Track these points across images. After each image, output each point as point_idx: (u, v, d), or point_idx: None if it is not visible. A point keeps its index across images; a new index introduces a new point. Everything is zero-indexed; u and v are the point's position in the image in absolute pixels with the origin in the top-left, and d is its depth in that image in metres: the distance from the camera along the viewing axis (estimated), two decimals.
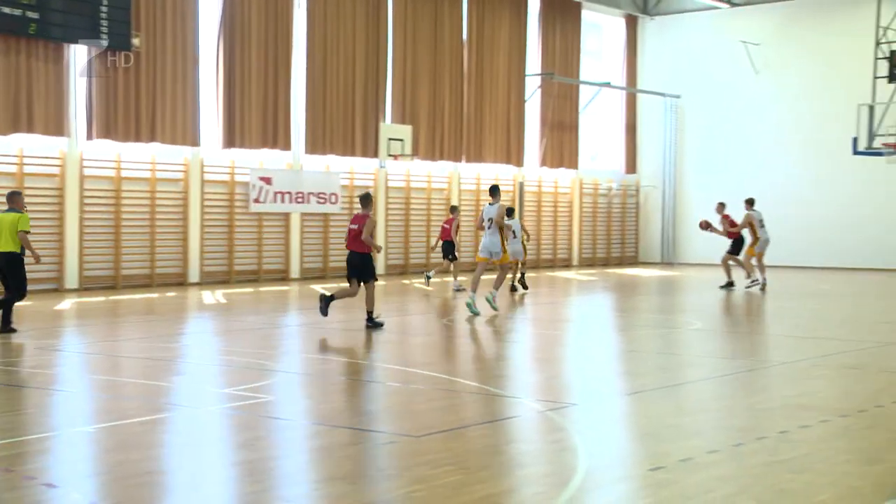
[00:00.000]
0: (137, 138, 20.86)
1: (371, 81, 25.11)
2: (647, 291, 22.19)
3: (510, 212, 18.99)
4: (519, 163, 29.11)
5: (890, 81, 23.74)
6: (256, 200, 23.10)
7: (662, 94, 32.67)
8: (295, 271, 23.96)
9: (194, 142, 21.86)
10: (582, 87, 31.21)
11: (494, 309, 15.84)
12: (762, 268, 21.05)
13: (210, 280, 22.37)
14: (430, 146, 26.63)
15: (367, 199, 14.04)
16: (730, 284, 21.03)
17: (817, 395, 9.12)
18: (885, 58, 23.83)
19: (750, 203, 21.52)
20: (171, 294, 19.65)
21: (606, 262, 32.33)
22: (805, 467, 6.40)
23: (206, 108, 22.23)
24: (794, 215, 30.11)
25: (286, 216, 23.89)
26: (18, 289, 12.89)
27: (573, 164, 30.91)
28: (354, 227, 13.84)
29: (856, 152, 24.74)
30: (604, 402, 8.97)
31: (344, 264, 14.76)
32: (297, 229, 24.05)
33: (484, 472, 6.33)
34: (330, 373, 10.40)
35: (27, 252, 12.89)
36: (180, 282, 21.76)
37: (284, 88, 23.38)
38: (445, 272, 22.59)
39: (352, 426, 7.70)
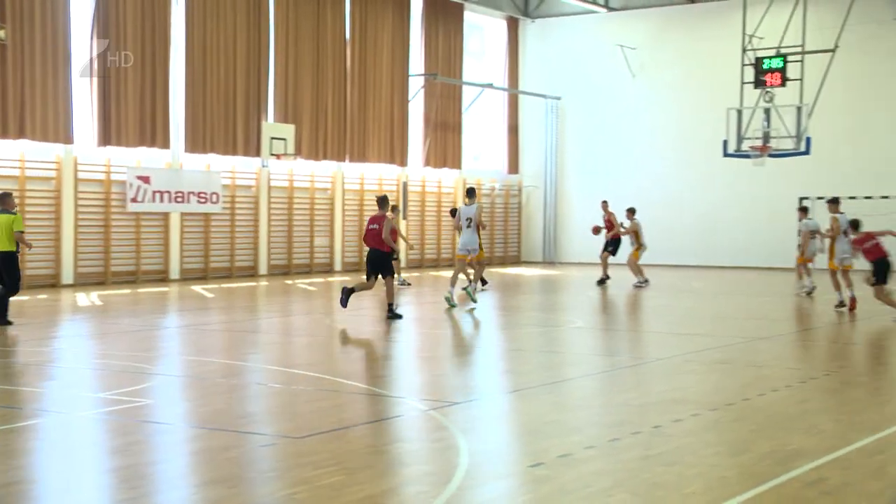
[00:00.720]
0: (4, 135, 20.08)
1: (252, 79, 24.78)
2: (529, 290, 22.54)
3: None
4: (403, 163, 29.18)
5: (756, 87, 24.69)
6: (134, 200, 22.51)
7: (544, 96, 33.24)
8: (175, 272, 23.44)
9: (67, 139, 21.16)
10: (465, 88, 31.48)
11: (474, 301, 16.69)
12: (639, 268, 22.14)
13: (85, 281, 21.70)
14: (314, 146, 26.44)
15: (384, 201, 15.31)
16: (604, 280, 22.24)
17: (689, 389, 9.43)
18: (751, 64, 24.76)
19: (632, 212, 22.76)
20: (42, 296, 18.97)
21: (490, 262, 32.66)
22: (676, 460, 6.62)
23: (79, 104, 21.56)
24: (669, 215, 31.08)
25: (165, 216, 23.35)
26: (14, 285, 13.83)
27: (456, 164, 31.16)
28: (374, 226, 15.04)
29: (725, 155, 25.64)
30: (486, 400, 9.07)
31: (225, 264, 14.74)
32: (176, 229, 23.54)
33: (366, 473, 6.33)
34: (210, 375, 10.22)
35: (21, 248, 13.98)
36: (53, 283, 21.04)
37: (163, 86, 22.85)
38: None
39: (232, 429, 7.59)
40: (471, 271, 18.12)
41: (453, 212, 20.69)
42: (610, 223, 22.94)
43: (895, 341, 13.23)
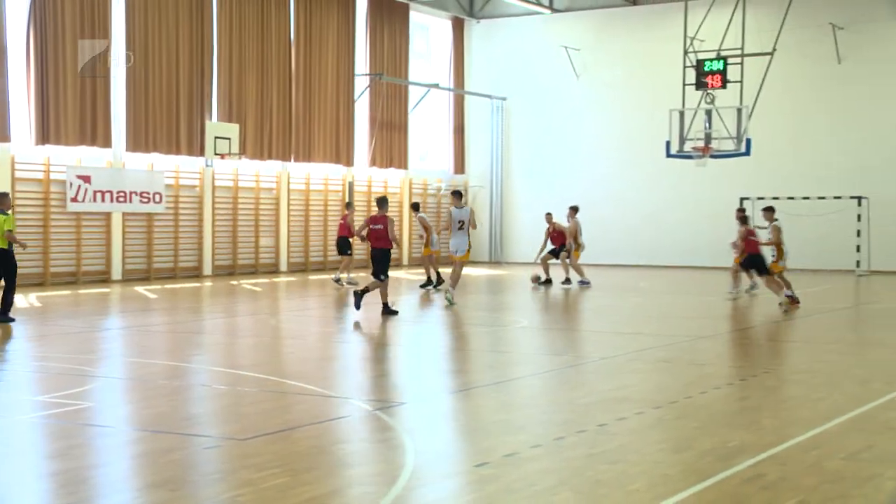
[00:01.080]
0: None
1: (196, 78, 24.52)
2: (475, 290, 22.59)
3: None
4: (349, 162, 29.08)
5: (698, 88, 25.04)
6: (74, 199, 22.15)
7: (489, 96, 33.37)
8: (117, 273, 23.11)
9: (3, 137, 20.75)
10: (411, 88, 31.48)
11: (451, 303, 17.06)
12: (579, 268, 22.32)
13: (23, 283, 21.23)
14: (258, 145, 26.24)
15: (383, 201, 15.77)
16: (547, 282, 22.36)
17: (633, 388, 9.54)
18: (692, 66, 25.10)
19: (574, 210, 22.95)
20: None
21: (437, 261, 32.66)
22: (620, 458, 6.69)
23: (16, 101, 21.14)
24: (614, 215, 31.41)
25: (107, 216, 23.01)
26: (11, 280, 14.50)
27: (403, 164, 31.15)
28: (378, 227, 15.50)
29: (668, 155, 25.95)
30: (432, 400, 9.09)
31: (169, 264, 14.46)
32: (118, 229, 23.21)
33: (311, 474, 6.30)
34: (153, 377, 10.09)
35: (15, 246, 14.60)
36: None
37: (104, 83, 22.51)
38: (346, 268, 22.57)
39: (175, 431, 7.50)
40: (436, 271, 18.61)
41: (416, 206, 22.49)
42: (557, 233, 22.88)
43: (831, 339, 13.52)
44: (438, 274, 21.71)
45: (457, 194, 18.35)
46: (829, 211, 28.23)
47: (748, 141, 24.93)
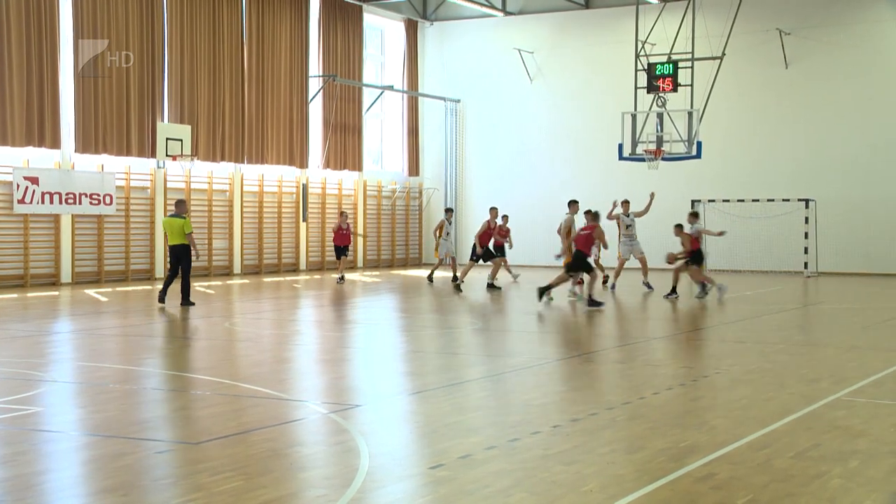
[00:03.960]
0: None
1: (147, 79, 24.26)
2: (430, 293, 22.59)
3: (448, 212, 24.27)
4: (303, 164, 28.96)
5: (649, 92, 25.30)
6: (21, 201, 21.80)
7: (443, 99, 33.42)
8: (66, 276, 22.78)
9: None
10: (365, 90, 31.42)
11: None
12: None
13: None
14: (211, 147, 26.03)
15: (595, 216, 17.93)
16: (492, 286, 22.10)
17: (587, 389, 9.60)
18: (644, 70, 25.36)
19: (498, 214, 23.31)
20: None
21: (391, 264, 32.69)
22: (574, 459, 6.73)
23: None
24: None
25: (56, 218, 22.67)
26: (187, 272, 17.21)
27: (357, 166, 31.08)
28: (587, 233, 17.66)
29: (621, 158, 26.18)
30: (387, 402, 9.07)
31: (120, 267, 14.11)
32: (67, 232, 22.88)
33: (265, 477, 6.26)
34: (104, 380, 9.96)
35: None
36: None
37: (52, 83, 22.19)
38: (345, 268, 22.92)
39: (126, 435, 7.41)
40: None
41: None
42: (495, 232, 22.99)
43: (780, 340, 13.72)
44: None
45: (625, 203, 19.68)
46: (777, 213, 28.66)
47: (699, 144, 25.25)
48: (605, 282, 21.92)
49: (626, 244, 22.03)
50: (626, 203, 22.35)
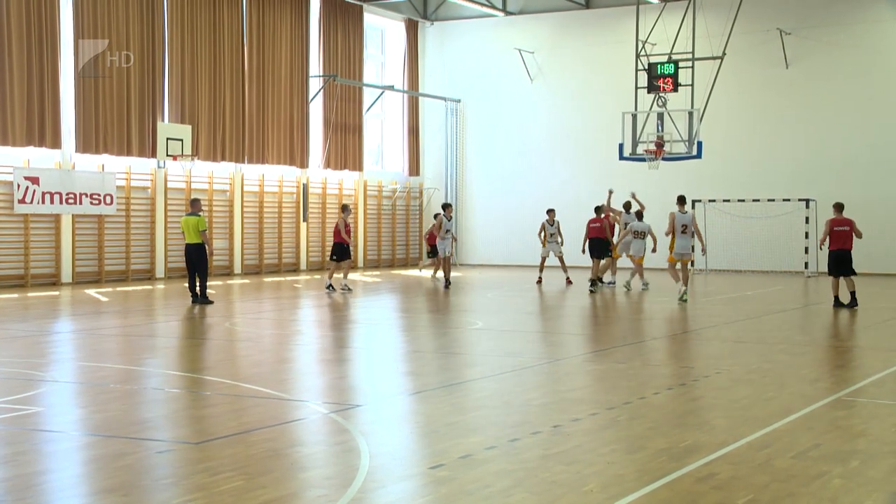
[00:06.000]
0: None
1: (147, 79, 24.26)
2: (430, 292, 22.60)
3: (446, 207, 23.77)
4: (303, 164, 28.96)
5: (649, 92, 25.30)
6: (22, 201, 21.80)
7: (444, 98, 33.41)
8: (67, 276, 22.79)
9: None
10: (365, 90, 31.42)
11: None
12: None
13: None
14: (211, 147, 26.03)
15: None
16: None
17: (588, 389, 9.60)
18: (644, 69, 25.35)
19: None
20: None
21: (391, 264, 32.68)
22: (575, 459, 6.73)
23: None
24: (567, 217, 31.49)
25: (56, 218, 22.68)
26: (204, 271, 17.79)
27: (357, 165, 31.07)
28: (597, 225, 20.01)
29: (621, 158, 26.18)
30: (387, 402, 9.07)
31: (120, 267, 14.08)
32: (68, 232, 22.89)
33: (266, 477, 6.26)
34: (105, 380, 9.96)
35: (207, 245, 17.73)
36: None
37: (52, 83, 22.19)
38: (347, 270, 21.75)
39: (127, 435, 7.41)
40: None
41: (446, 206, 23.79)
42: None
43: (781, 339, 13.72)
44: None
45: (681, 200, 19.02)
46: (777, 213, 28.65)
47: (699, 144, 25.24)
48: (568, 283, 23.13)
49: (635, 244, 22.16)
50: (627, 204, 22.69)
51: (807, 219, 28.02)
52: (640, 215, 22.12)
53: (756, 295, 20.78)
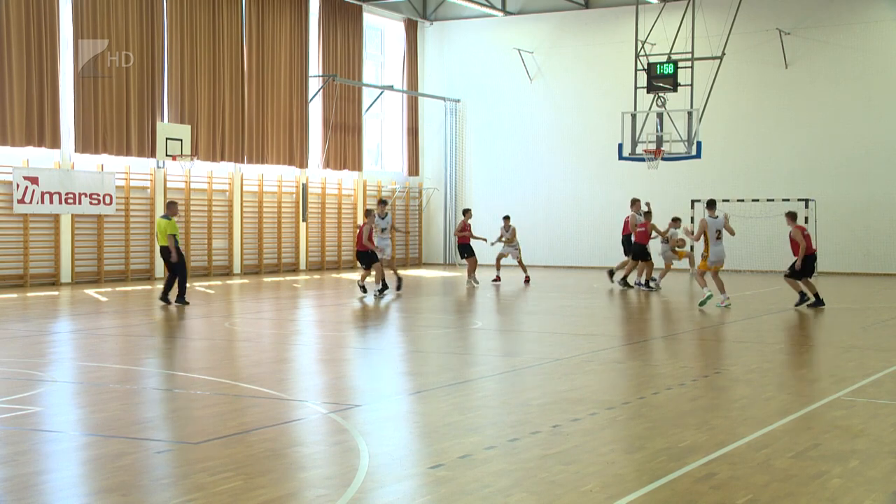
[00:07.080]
0: None
1: (147, 79, 24.26)
2: (430, 292, 22.61)
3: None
4: (303, 164, 28.95)
5: (649, 92, 25.30)
6: (21, 201, 21.80)
7: (443, 98, 33.41)
8: (66, 275, 22.78)
9: None
10: (364, 90, 31.42)
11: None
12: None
13: None
14: (211, 147, 26.03)
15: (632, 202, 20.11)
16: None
17: (587, 389, 9.60)
18: (643, 69, 25.35)
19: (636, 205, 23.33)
20: None
21: (391, 264, 32.62)
22: (574, 459, 6.73)
23: None
24: (567, 217, 31.61)
25: (55, 218, 22.67)
26: (173, 271, 17.40)
27: (357, 165, 31.07)
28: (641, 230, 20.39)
29: (621, 158, 26.18)
30: (387, 402, 9.07)
31: (120, 267, 14.10)
32: (67, 232, 22.88)
33: (265, 477, 6.26)
34: (104, 380, 9.96)
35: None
36: None
37: (52, 83, 22.18)
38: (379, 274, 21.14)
39: (126, 435, 7.41)
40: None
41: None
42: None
43: (780, 340, 13.72)
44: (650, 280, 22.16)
45: (711, 204, 18.74)
46: (777, 213, 28.63)
47: (699, 144, 25.25)
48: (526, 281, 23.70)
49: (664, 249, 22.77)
50: (635, 202, 22.80)
51: (806, 219, 28.01)
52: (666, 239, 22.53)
53: (755, 295, 20.78)
